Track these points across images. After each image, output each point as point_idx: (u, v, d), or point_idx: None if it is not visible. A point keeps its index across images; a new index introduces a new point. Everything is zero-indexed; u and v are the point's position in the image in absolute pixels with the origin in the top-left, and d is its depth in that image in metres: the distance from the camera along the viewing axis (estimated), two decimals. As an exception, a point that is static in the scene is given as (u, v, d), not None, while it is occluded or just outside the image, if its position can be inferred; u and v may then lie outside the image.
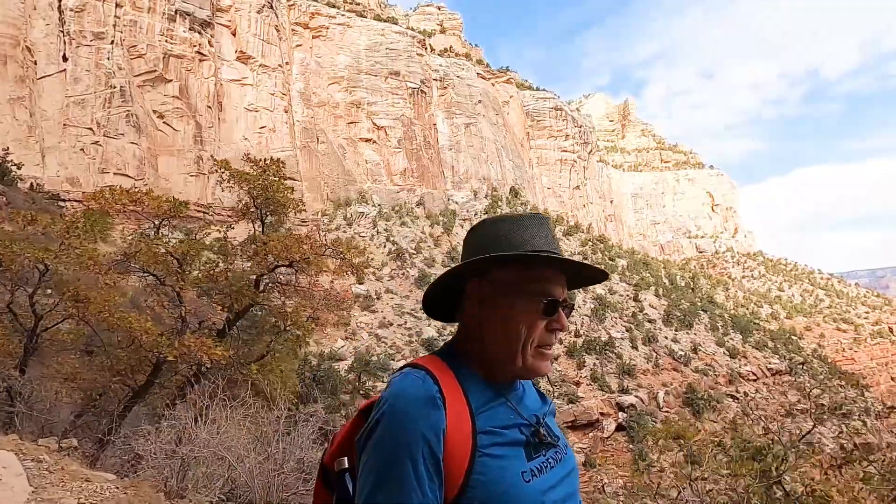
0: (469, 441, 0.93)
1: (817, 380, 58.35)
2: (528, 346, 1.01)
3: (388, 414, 0.92)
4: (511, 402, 1.03)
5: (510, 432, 0.99)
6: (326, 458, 1.13)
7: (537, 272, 1.03)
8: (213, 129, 70.73)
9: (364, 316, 58.69)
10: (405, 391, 0.94)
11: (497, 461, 0.94)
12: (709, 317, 64.61)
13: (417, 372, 0.99)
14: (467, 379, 1.01)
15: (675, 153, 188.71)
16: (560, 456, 1.06)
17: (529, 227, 1.04)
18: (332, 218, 78.45)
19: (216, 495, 2.60)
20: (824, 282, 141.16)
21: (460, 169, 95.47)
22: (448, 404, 0.94)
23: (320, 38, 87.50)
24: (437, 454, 0.90)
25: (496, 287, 1.03)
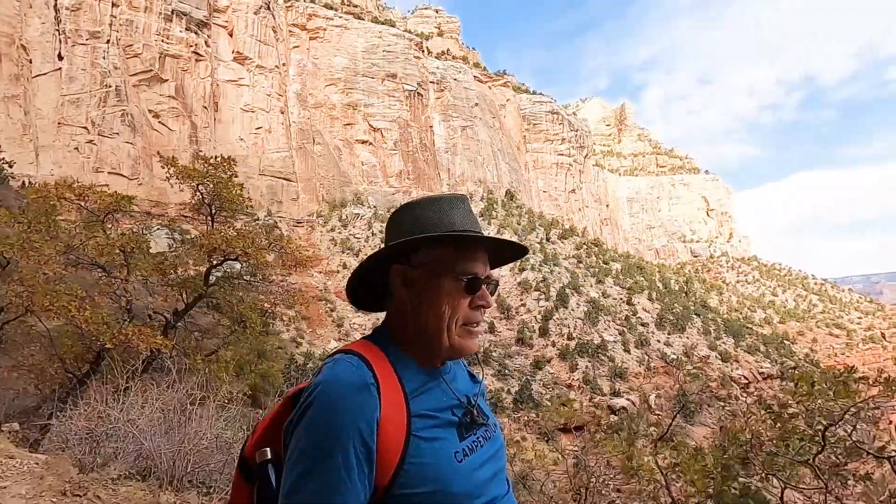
0: (403, 426, 0.93)
1: (808, 384, 58.70)
2: (454, 324, 1.02)
3: (320, 400, 0.89)
4: (444, 384, 1.04)
5: (443, 414, 1.00)
6: (248, 448, 1.09)
7: (458, 252, 1.03)
8: (209, 130, 70.75)
9: (357, 317, 58.69)
10: (338, 377, 0.92)
11: (430, 444, 0.95)
12: (702, 321, 64.88)
13: (351, 358, 0.96)
14: (400, 362, 1.01)
15: (671, 158, 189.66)
16: (489, 434, 1.07)
17: (451, 209, 1.05)
18: (328, 219, 78.46)
19: (125, 468, 2.72)
20: (818, 287, 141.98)
21: (456, 171, 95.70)
22: (382, 391, 0.93)
23: (317, 39, 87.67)
24: (370, 443, 0.89)
25: (419, 269, 1.03)
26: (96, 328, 6.62)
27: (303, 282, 63.73)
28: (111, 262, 7.83)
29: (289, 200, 77.91)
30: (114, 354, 6.45)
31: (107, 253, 7.58)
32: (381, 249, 1.05)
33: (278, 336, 44.93)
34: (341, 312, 59.18)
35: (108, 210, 8.64)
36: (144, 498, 2.51)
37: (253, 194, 75.13)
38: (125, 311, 8.16)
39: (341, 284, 66.21)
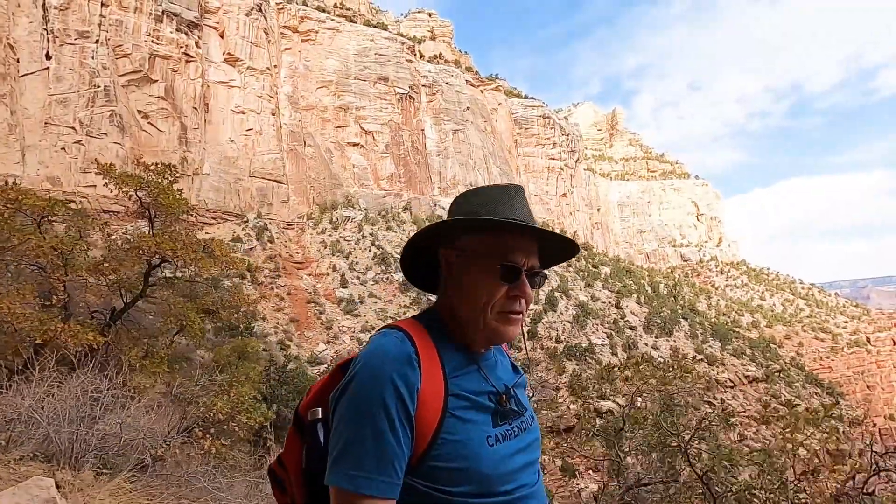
0: (441, 402, 0.97)
1: (793, 387, 59.42)
2: (489, 310, 1.05)
3: (365, 369, 0.96)
4: (483, 370, 1.08)
5: (479, 398, 1.03)
6: (301, 407, 1.16)
7: (500, 239, 1.06)
8: (199, 131, 70.47)
9: (346, 320, 58.62)
10: (383, 349, 0.98)
11: (464, 424, 0.98)
12: (689, 324, 65.50)
13: (396, 332, 1.02)
14: (443, 344, 1.05)
15: (661, 163, 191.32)
16: (525, 426, 1.10)
17: (500, 198, 1.07)
18: (318, 221, 78.33)
19: (30, 450, 2.88)
20: (805, 291, 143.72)
21: (448, 175, 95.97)
22: (423, 365, 0.98)
23: (309, 41, 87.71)
24: (410, 410, 0.94)
25: (463, 254, 1.07)
26: (28, 325, 6.76)
27: (292, 284, 63.57)
28: (50, 262, 7.99)
29: (279, 202, 77.71)
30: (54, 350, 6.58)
31: (43, 254, 7.73)
32: (423, 229, 1.10)
33: (265, 339, 44.80)
34: (330, 315, 59.07)
35: (43, 213, 8.88)
36: (41, 476, 2.67)
37: (243, 196, 74.90)
38: (62, 309, 8.32)
39: (330, 287, 66.11)
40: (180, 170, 64.19)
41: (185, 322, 8.76)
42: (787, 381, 60.61)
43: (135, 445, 2.98)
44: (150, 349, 7.80)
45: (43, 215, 8.96)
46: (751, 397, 53.06)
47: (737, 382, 54.81)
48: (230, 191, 73.03)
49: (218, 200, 71.43)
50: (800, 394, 58.40)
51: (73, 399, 3.12)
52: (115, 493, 2.65)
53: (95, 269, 8.32)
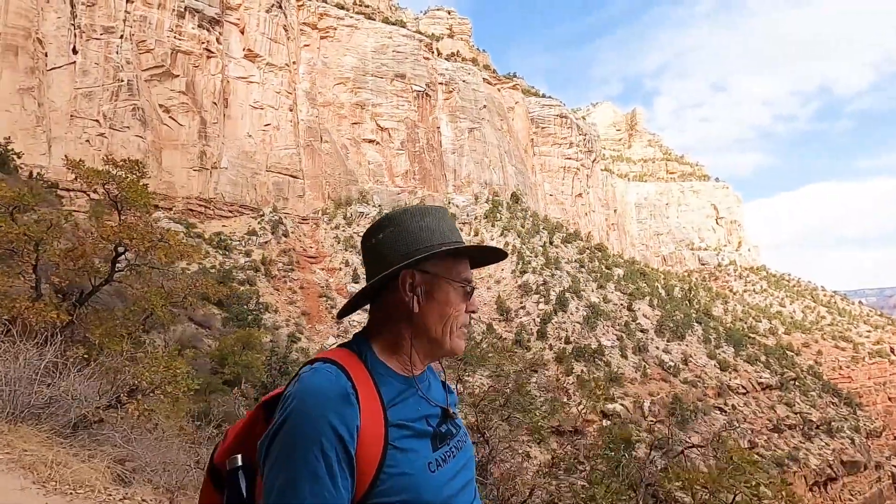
0: (381, 436, 0.95)
1: (808, 396, 58.15)
2: (454, 327, 1.08)
3: (298, 410, 0.90)
4: (421, 393, 1.07)
5: (418, 424, 1.02)
6: (218, 455, 1.11)
7: (460, 261, 1.11)
8: (218, 126, 71.75)
9: (357, 315, 59.03)
10: (317, 387, 0.93)
11: (405, 454, 0.96)
12: (702, 329, 64.52)
13: (329, 367, 0.97)
14: (378, 371, 1.03)
15: (681, 164, 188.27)
16: (460, 444, 1.11)
17: (444, 220, 1.13)
18: (333, 217, 79.14)
19: None
20: (827, 299, 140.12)
21: (462, 173, 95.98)
22: (361, 400, 0.94)
23: (328, 38, 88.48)
24: (350, 451, 0.90)
25: (425, 276, 1.08)
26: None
27: (305, 278, 64.43)
28: (23, 248, 8.43)
29: (295, 197, 78.73)
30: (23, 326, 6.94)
31: (15, 240, 8.15)
32: (411, 260, 1.07)
33: (277, 331, 45.53)
34: (341, 309, 59.73)
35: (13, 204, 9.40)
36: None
37: (260, 190, 76.07)
38: (33, 289, 8.79)
39: (343, 281, 66.79)
40: (199, 164, 65.74)
41: (148, 306, 9.13)
42: (802, 389, 59.35)
43: (67, 406, 3.23)
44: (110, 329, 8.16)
45: (14, 205, 9.47)
46: (763, 404, 52.12)
47: (749, 389, 53.89)
48: (247, 185, 74.23)
49: (235, 194, 72.67)
50: (815, 403, 57.16)
51: (23, 366, 3.38)
52: (48, 445, 2.90)
53: (65, 254, 8.72)
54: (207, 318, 25.49)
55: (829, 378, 74.98)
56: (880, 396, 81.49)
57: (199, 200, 68.16)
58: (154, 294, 9.23)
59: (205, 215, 68.17)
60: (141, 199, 9.29)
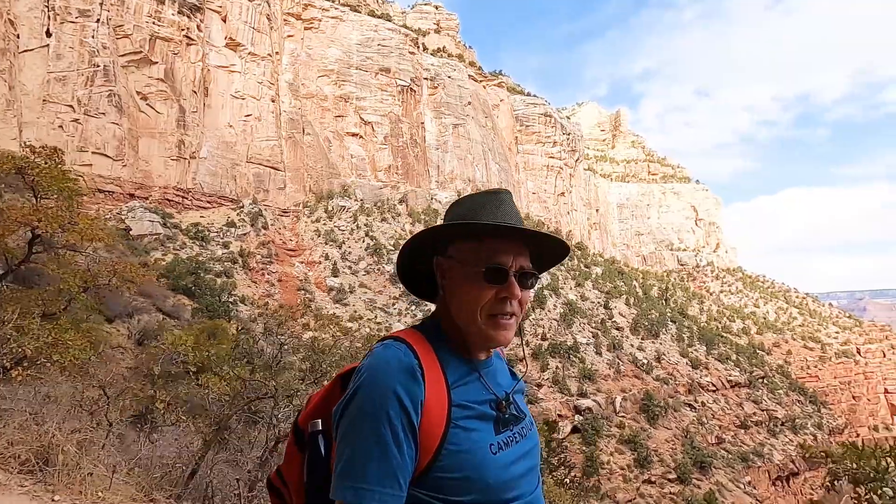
0: (444, 413, 0.99)
1: (776, 394, 59.87)
2: (479, 315, 1.06)
3: (368, 382, 0.97)
4: (483, 378, 1.10)
5: (481, 407, 1.06)
6: (301, 419, 1.19)
7: (487, 243, 1.08)
8: (198, 115, 70.62)
9: (335, 308, 59.02)
10: (386, 361, 0.99)
11: (468, 433, 1.00)
12: (676, 328, 65.86)
13: (398, 344, 1.03)
14: (444, 353, 1.07)
15: (663, 166, 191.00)
16: (525, 432, 1.13)
17: (487, 203, 1.10)
18: (313, 210, 78.62)
19: None
20: (799, 300, 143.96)
21: (446, 169, 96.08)
22: (426, 377, 1.00)
23: (312, 30, 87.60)
24: (414, 423, 0.96)
25: (452, 261, 1.10)
26: None
27: (283, 271, 63.97)
28: None
29: (275, 189, 77.98)
30: None
31: None
32: (409, 239, 1.13)
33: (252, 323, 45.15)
34: (319, 303, 59.48)
35: None
36: None
37: (240, 182, 75.15)
38: None
39: (322, 275, 66.50)
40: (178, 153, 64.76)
41: (64, 286, 9.13)
42: (770, 387, 61.06)
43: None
44: (24, 308, 8.15)
45: None
46: (732, 401, 53.53)
47: (719, 386, 55.28)
48: (227, 175, 73.30)
49: (214, 185, 71.71)
50: (782, 401, 58.89)
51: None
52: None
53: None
54: (177, 309, 25.23)
55: (797, 377, 77.23)
56: (844, 395, 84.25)
57: (176, 190, 67.09)
58: (70, 275, 9.21)
59: (182, 205, 67.14)
60: (55, 185, 9.25)
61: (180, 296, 29.04)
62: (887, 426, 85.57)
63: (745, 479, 42.55)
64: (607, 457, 39.01)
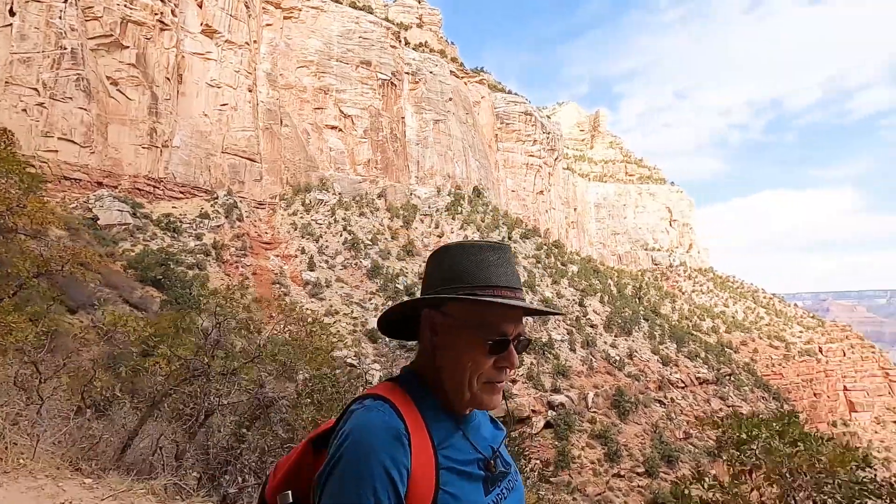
0: (432, 479, 0.93)
1: (741, 391, 61.80)
2: (475, 380, 1.02)
3: (352, 451, 0.90)
4: (467, 436, 1.04)
5: (469, 468, 1.00)
6: (268, 491, 1.11)
7: (489, 309, 1.03)
8: (171, 102, 68.72)
9: (311, 303, 58.39)
10: (371, 426, 0.92)
11: (457, 500, 0.94)
12: (648, 325, 67.27)
13: (381, 405, 0.96)
14: (428, 409, 1.01)
15: (639, 167, 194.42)
16: (512, 484, 1.09)
17: (489, 262, 1.04)
18: (290, 203, 77.50)
19: None
20: (766, 300, 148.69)
21: (426, 164, 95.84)
22: (413, 441, 0.93)
23: (292, 19, 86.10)
24: (401, 492, 0.89)
25: (447, 319, 1.04)
26: None
27: (258, 264, 62.95)
28: None
29: (251, 181, 76.58)
30: None
31: None
32: (415, 299, 1.06)
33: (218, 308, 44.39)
34: (295, 297, 58.70)
35: None
36: None
37: (214, 172, 73.51)
38: None
39: (298, 269, 65.65)
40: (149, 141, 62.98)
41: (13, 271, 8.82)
42: (736, 384, 62.97)
43: None
44: None
45: None
46: (700, 398, 55.02)
47: (688, 383, 56.74)
48: (201, 166, 71.60)
49: (187, 175, 69.97)
50: (747, 397, 60.80)
51: None
52: None
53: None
54: (144, 301, 24.58)
55: (762, 374, 79.82)
56: (806, 392, 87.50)
57: (147, 179, 65.24)
58: (20, 259, 8.92)
59: (153, 195, 65.34)
60: (3, 167, 8.94)
61: (149, 287, 28.31)
62: (845, 422, 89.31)
63: (711, 472, 43.83)
64: (579, 451, 39.70)
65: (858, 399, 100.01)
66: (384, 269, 66.84)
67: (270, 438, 5.15)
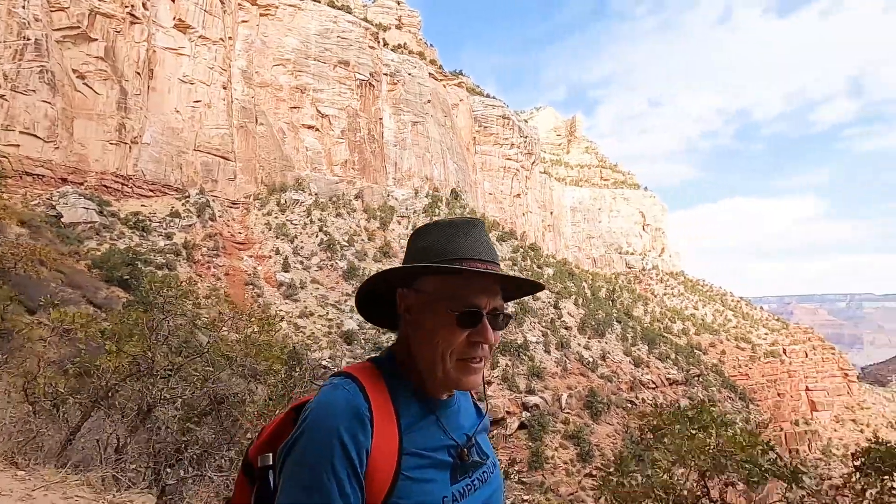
0: (393, 462, 0.91)
1: (709, 391, 63.52)
2: (448, 358, 0.98)
3: (313, 426, 0.90)
4: (441, 421, 1.01)
5: (437, 454, 0.97)
6: (251, 451, 1.13)
7: (459, 282, 1.00)
8: (141, 98, 66.86)
9: (285, 305, 57.53)
10: (332, 403, 0.92)
11: (419, 485, 0.92)
12: (621, 328, 68.57)
13: (348, 384, 0.95)
14: (400, 391, 0.99)
15: (614, 172, 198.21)
16: (487, 476, 1.05)
17: (460, 235, 1.03)
18: (265, 202, 76.28)
19: None
20: (734, 303, 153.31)
21: (403, 166, 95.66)
22: (376, 422, 0.92)
23: (268, 16, 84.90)
24: (359, 471, 0.88)
25: (419, 296, 1.01)
26: None
27: (231, 265, 61.71)
28: None
29: (225, 180, 75.07)
30: None
31: None
32: (381, 272, 1.04)
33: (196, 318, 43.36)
34: (268, 298, 57.78)
35: None
36: None
37: (186, 170, 71.77)
38: None
39: (272, 270, 64.63)
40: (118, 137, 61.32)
41: None
42: (704, 384, 64.71)
43: None
44: None
45: None
46: (669, 398, 56.29)
47: (658, 384, 58.03)
48: (172, 163, 69.82)
49: (158, 172, 68.14)
50: (715, 397, 62.50)
51: None
52: None
53: None
54: (109, 301, 23.83)
55: (729, 375, 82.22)
56: (770, 392, 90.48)
57: (115, 177, 63.28)
58: None
59: (122, 193, 63.40)
60: None
61: (115, 288, 27.44)
62: (807, 421, 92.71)
63: (679, 470, 44.90)
64: (552, 451, 40.14)
65: (819, 399, 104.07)
66: (360, 270, 66.37)
67: (216, 433, 5.22)
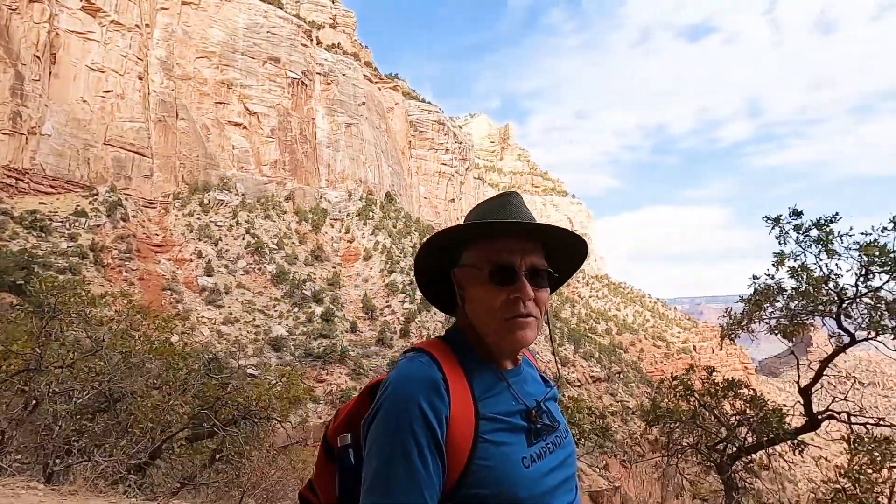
0: (471, 427, 0.96)
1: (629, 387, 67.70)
2: (492, 319, 1.02)
3: (392, 398, 0.95)
4: (513, 388, 1.06)
5: (511, 419, 1.02)
6: (329, 433, 1.18)
7: (496, 245, 1.05)
8: (41, 84, 60.65)
9: (207, 311, 54.34)
10: (410, 376, 0.97)
11: (498, 448, 0.97)
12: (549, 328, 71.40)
13: (422, 356, 1.01)
14: (470, 364, 1.04)
15: (545, 180, 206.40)
16: (559, 440, 1.08)
17: (493, 205, 1.09)
18: (186, 202, 71.71)
19: None
20: (651, 305, 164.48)
21: (337, 168, 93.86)
22: (451, 391, 0.97)
23: (191, 5, 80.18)
24: (440, 439, 0.93)
25: (463, 270, 1.07)
26: None
27: (146, 268, 57.27)
28: None
29: (140, 177, 69.76)
30: None
31: None
32: (418, 252, 1.11)
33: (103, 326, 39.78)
34: (188, 304, 54.31)
35: None
36: None
37: (94, 166, 65.84)
38: None
39: (193, 274, 60.81)
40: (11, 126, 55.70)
41: None
42: (625, 381, 68.89)
43: None
44: None
45: None
46: (593, 394, 59.38)
47: (583, 381, 61.02)
48: (77, 158, 63.81)
49: (60, 167, 62.01)
50: (633, 392, 66.74)
51: None
52: None
53: None
54: (-3, 308, 21.29)
55: (647, 371, 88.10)
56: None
57: (8, 170, 56.84)
58: None
59: (16, 189, 57.05)
60: None
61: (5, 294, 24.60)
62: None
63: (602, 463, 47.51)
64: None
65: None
66: (290, 274, 64.18)
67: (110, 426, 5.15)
